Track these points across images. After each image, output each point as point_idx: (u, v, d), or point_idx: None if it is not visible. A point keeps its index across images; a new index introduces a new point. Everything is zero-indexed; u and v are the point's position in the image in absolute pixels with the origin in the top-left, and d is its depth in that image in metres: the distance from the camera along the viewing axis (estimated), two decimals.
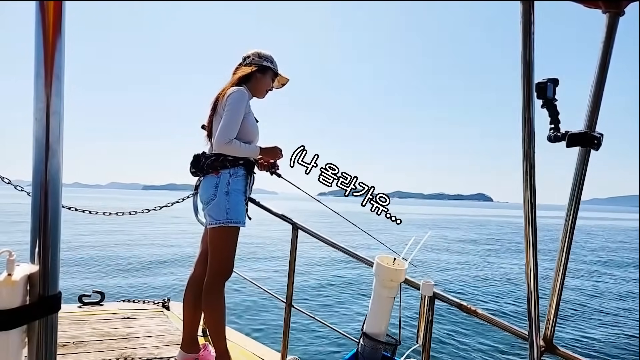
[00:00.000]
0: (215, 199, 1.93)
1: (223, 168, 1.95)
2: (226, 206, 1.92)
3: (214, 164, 1.95)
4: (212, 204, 1.94)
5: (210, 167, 1.95)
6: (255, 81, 2.09)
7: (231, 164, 1.95)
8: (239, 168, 1.98)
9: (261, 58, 2.10)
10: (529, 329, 1.08)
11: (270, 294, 2.42)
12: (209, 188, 1.96)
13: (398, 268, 1.68)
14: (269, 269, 10.65)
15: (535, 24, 0.87)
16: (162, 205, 3.08)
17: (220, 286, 1.99)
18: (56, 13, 0.66)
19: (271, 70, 2.13)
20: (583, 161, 1.10)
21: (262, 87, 2.12)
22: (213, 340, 2.02)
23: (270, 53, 2.15)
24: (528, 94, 0.92)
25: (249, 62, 2.10)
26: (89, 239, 15.12)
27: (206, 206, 1.98)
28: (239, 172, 1.99)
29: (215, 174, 1.95)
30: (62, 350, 2.22)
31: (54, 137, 0.68)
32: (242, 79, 2.06)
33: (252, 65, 2.08)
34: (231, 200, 1.94)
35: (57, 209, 0.70)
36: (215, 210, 1.93)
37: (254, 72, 2.08)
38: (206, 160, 1.98)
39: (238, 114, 1.93)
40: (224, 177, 1.95)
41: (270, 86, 2.17)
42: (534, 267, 1.04)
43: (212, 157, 1.96)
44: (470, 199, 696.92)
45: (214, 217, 1.93)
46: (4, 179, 2.80)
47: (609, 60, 1.04)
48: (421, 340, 1.60)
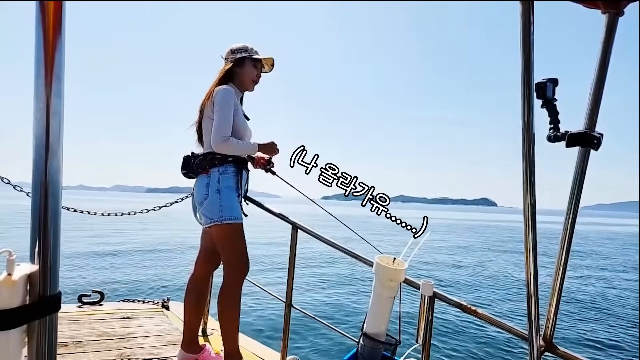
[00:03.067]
0: (207, 198, 1.93)
1: (212, 167, 1.95)
2: (219, 204, 1.91)
3: (202, 163, 1.95)
4: (205, 203, 1.93)
5: (200, 167, 1.96)
6: (237, 76, 2.07)
7: (220, 162, 1.95)
8: (229, 165, 1.97)
9: (234, 52, 2.07)
10: (528, 328, 1.08)
11: (270, 294, 2.42)
12: (201, 188, 1.96)
13: (398, 268, 1.68)
14: (269, 269, 10.65)
15: (534, 24, 0.87)
16: (160, 206, 3.08)
17: (239, 287, 1.98)
18: (56, 13, 0.66)
19: (248, 59, 2.08)
20: (583, 161, 1.10)
21: (246, 79, 2.09)
22: (225, 341, 1.99)
23: (242, 44, 2.10)
24: (528, 94, 0.92)
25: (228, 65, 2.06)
26: (89, 239, 15.12)
27: (200, 206, 1.97)
28: (229, 169, 1.98)
29: (205, 173, 1.96)
30: (62, 350, 2.22)
31: (54, 137, 0.68)
32: (223, 79, 2.04)
33: (227, 63, 2.07)
34: (223, 198, 1.93)
35: (57, 209, 0.70)
36: (209, 209, 1.92)
37: (232, 68, 2.06)
38: (195, 160, 1.98)
39: (228, 111, 1.92)
40: (214, 175, 1.94)
41: (255, 74, 2.11)
42: (534, 266, 1.05)
43: (200, 157, 1.97)
44: (474, 204, 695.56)
45: (208, 216, 1.92)
46: (4, 179, 2.80)
47: (608, 60, 1.04)
48: (421, 340, 1.60)
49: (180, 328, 2.59)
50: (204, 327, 2.60)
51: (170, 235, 17.76)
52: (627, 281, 12.34)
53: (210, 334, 2.60)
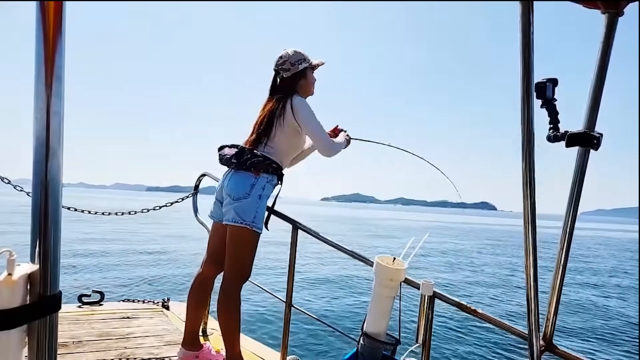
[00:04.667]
0: (248, 198, 1.90)
1: (265, 172, 1.94)
2: (255, 209, 1.91)
3: (259, 164, 1.92)
4: (243, 202, 1.90)
5: (254, 166, 1.92)
6: (301, 87, 2.09)
7: (272, 171, 1.96)
8: (275, 176, 2.00)
9: (294, 65, 2.05)
10: (528, 328, 1.08)
11: (271, 294, 2.42)
12: (244, 185, 1.92)
13: (398, 268, 1.68)
14: (269, 269, 10.65)
15: (534, 24, 0.87)
16: (161, 205, 3.08)
17: (238, 290, 1.97)
18: (56, 13, 0.66)
19: (309, 68, 2.11)
20: (583, 161, 1.10)
21: (309, 87, 2.13)
22: (227, 344, 1.98)
23: (295, 49, 2.09)
24: (527, 93, 0.92)
25: (288, 76, 2.05)
26: (89, 238, 15.12)
27: (234, 202, 1.92)
28: (274, 180, 2.00)
29: (255, 174, 1.93)
30: (62, 350, 2.22)
31: (54, 137, 0.68)
32: (290, 90, 2.04)
33: (290, 78, 2.06)
34: (261, 205, 1.94)
35: (57, 209, 0.70)
36: (245, 209, 1.90)
37: (296, 82, 2.07)
38: (252, 158, 1.93)
39: (316, 118, 1.99)
40: (261, 180, 1.94)
41: (315, 78, 2.17)
42: (534, 267, 1.04)
43: (259, 158, 1.93)
44: (474, 207, 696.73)
45: (241, 216, 1.89)
46: (4, 179, 2.80)
47: (608, 60, 1.04)
48: (421, 339, 1.60)
49: (180, 328, 2.60)
50: (204, 327, 2.60)
51: (170, 235, 17.76)
52: (627, 283, 12.35)
53: (211, 333, 2.60)
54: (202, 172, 2.72)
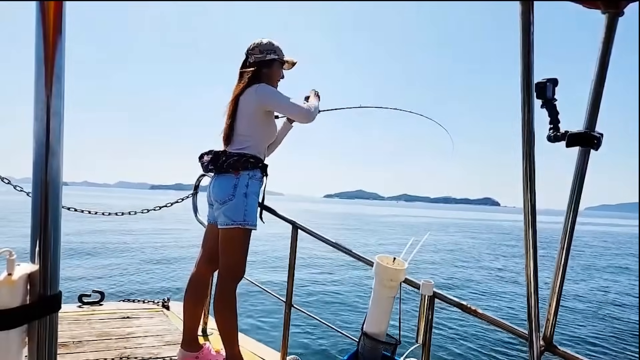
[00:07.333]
0: (233, 200, 1.92)
1: (244, 169, 1.94)
2: (244, 208, 1.92)
3: (236, 164, 1.93)
4: (229, 204, 1.92)
5: (231, 167, 1.93)
6: (264, 76, 2.06)
7: (252, 166, 1.96)
8: (257, 171, 2.00)
9: (262, 53, 2.05)
10: (528, 328, 1.08)
11: (271, 294, 2.42)
12: (227, 188, 1.93)
13: (398, 268, 1.68)
14: (269, 269, 10.65)
15: (534, 24, 0.87)
16: (161, 205, 3.08)
17: (233, 289, 1.98)
18: (56, 13, 0.66)
19: (277, 61, 2.10)
20: (583, 161, 1.10)
21: (272, 80, 2.10)
22: (225, 344, 1.99)
23: (271, 40, 2.09)
24: (527, 93, 0.92)
25: (253, 61, 2.05)
26: (89, 238, 15.12)
27: (222, 206, 1.94)
28: (257, 174, 2.00)
29: (235, 174, 1.94)
30: (62, 350, 2.22)
31: (55, 138, 0.68)
32: (251, 80, 2.02)
33: (255, 65, 2.05)
34: (249, 203, 1.94)
35: (57, 209, 0.70)
36: (233, 210, 1.91)
37: (260, 70, 2.05)
38: (228, 159, 1.94)
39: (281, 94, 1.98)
40: (243, 178, 1.94)
41: (281, 75, 2.15)
42: (534, 266, 1.04)
43: (234, 157, 1.94)
44: (478, 203, 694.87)
45: (231, 218, 1.92)
46: (4, 180, 2.80)
47: (608, 60, 1.04)
48: (421, 339, 1.60)
49: (180, 328, 2.60)
50: (204, 327, 2.60)
51: (170, 235, 17.75)
52: (627, 281, 12.34)
53: (210, 333, 2.60)
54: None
